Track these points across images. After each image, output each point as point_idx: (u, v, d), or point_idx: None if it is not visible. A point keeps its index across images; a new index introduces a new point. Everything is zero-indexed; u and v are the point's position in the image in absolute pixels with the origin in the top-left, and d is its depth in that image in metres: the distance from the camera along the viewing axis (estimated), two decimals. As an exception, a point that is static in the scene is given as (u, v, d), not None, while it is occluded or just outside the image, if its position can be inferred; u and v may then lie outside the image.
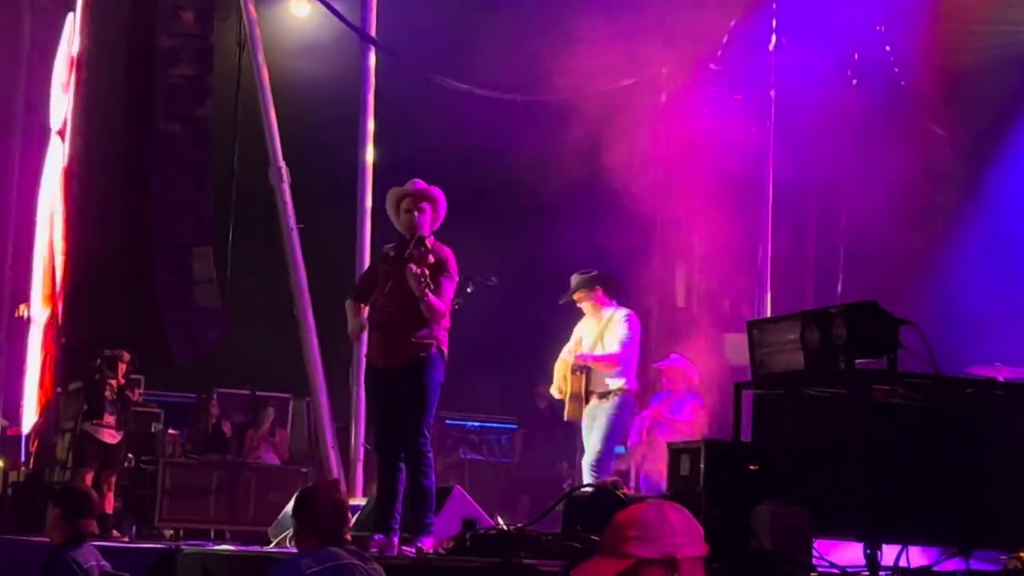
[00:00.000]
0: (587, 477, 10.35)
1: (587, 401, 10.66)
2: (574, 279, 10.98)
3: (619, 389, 10.62)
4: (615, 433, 10.65)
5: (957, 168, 14.46)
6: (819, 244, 16.02)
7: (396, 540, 8.31)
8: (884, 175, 14.74)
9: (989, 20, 13.42)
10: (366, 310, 8.98)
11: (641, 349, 11.32)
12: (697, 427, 12.52)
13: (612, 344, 10.67)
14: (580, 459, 10.79)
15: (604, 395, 10.61)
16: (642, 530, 3.44)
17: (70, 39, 16.74)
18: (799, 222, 15.89)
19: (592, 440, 10.56)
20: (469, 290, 10.59)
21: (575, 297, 10.94)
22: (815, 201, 15.93)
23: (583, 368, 10.68)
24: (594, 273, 10.96)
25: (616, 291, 11.06)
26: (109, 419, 13.44)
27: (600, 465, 10.42)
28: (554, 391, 11.01)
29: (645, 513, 3.48)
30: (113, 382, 13.52)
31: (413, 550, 8.04)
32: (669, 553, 3.41)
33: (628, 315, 10.84)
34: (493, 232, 12.86)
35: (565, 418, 10.91)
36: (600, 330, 10.82)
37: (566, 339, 11.22)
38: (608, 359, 10.64)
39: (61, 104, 17.05)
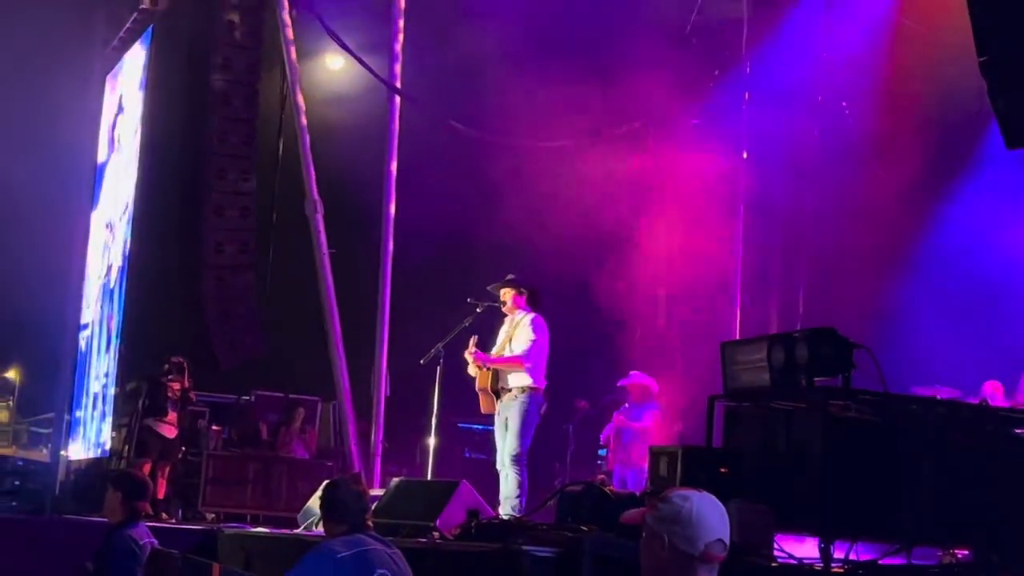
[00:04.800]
0: (509, 471, 9.96)
1: (498, 397, 10.17)
2: (501, 283, 10.47)
3: (526, 387, 10.06)
4: (526, 428, 10.01)
5: (909, 203, 14.41)
6: (784, 274, 16.04)
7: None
8: (841, 215, 14.79)
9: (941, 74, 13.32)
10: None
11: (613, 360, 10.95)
12: (654, 430, 12.55)
13: (518, 346, 10.17)
14: (496, 456, 10.27)
15: (512, 393, 10.10)
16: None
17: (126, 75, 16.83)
18: (766, 253, 15.89)
19: (508, 437, 10.03)
20: (479, 310, 10.59)
21: (500, 294, 10.43)
22: (781, 237, 15.93)
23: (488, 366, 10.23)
24: (515, 277, 10.51)
25: (534, 301, 10.42)
26: (172, 416, 13.40)
27: (519, 459, 9.95)
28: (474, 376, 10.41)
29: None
30: (177, 385, 13.47)
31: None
32: None
33: (535, 318, 10.25)
34: (500, 258, 12.87)
35: (482, 411, 10.39)
36: (510, 331, 10.32)
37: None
38: (510, 360, 10.13)
39: (105, 137, 17.17)
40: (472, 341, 10.23)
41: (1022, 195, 13.34)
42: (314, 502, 9.54)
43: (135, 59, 17.20)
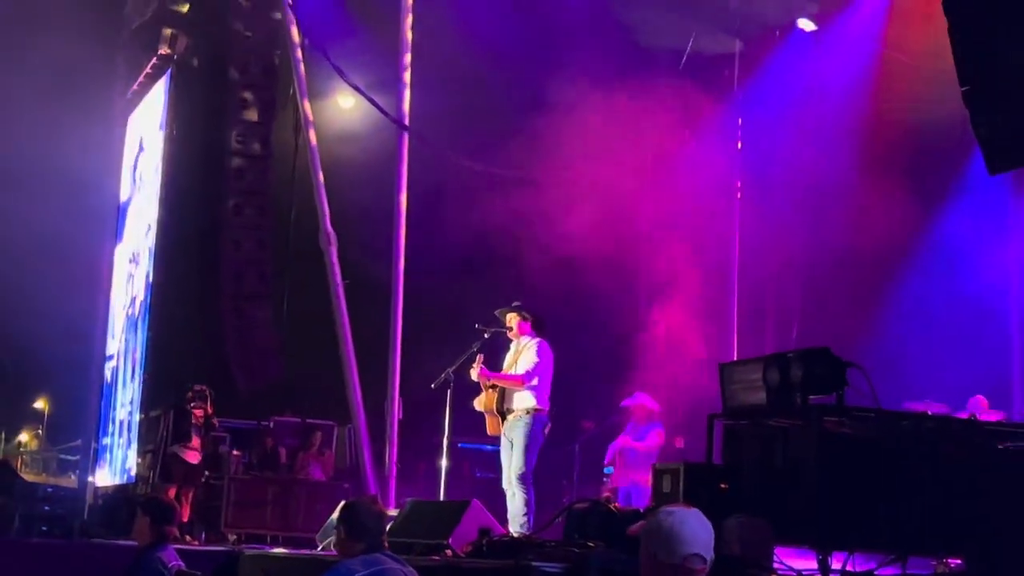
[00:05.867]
0: (515, 490, 9.89)
1: (504, 419, 10.09)
2: (507, 309, 10.46)
3: (530, 408, 9.97)
4: (530, 448, 9.90)
5: (898, 226, 14.46)
6: (778, 297, 16.09)
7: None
8: (833, 239, 14.85)
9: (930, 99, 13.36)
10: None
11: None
12: (657, 450, 12.56)
13: (521, 369, 10.12)
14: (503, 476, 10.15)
15: (517, 414, 10.02)
16: None
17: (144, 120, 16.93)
18: (761, 277, 15.94)
19: (513, 457, 9.94)
20: (486, 336, 10.63)
21: (505, 319, 10.42)
22: (775, 261, 15.99)
23: (494, 387, 10.17)
24: (521, 304, 10.48)
25: (539, 327, 10.36)
26: (196, 442, 13.38)
27: (524, 479, 9.89)
28: (477, 404, 10.39)
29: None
30: (200, 412, 13.47)
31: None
32: None
33: (540, 343, 10.19)
34: (506, 287, 12.93)
35: (488, 432, 10.32)
36: (516, 355, 10.29)
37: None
38: (512, 378, 10.09)
39: (128, 175, 17.24)
40: (478, 359, 10.25)
41: (1004, 218, 13.43)
42: (332, 522, 9.56)
43: (155, 101, 17.36)
